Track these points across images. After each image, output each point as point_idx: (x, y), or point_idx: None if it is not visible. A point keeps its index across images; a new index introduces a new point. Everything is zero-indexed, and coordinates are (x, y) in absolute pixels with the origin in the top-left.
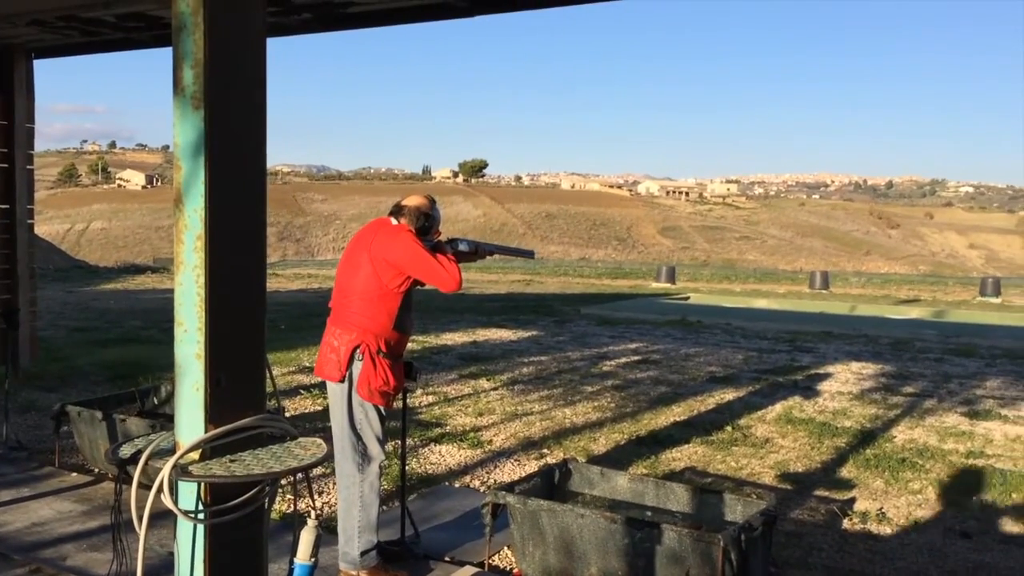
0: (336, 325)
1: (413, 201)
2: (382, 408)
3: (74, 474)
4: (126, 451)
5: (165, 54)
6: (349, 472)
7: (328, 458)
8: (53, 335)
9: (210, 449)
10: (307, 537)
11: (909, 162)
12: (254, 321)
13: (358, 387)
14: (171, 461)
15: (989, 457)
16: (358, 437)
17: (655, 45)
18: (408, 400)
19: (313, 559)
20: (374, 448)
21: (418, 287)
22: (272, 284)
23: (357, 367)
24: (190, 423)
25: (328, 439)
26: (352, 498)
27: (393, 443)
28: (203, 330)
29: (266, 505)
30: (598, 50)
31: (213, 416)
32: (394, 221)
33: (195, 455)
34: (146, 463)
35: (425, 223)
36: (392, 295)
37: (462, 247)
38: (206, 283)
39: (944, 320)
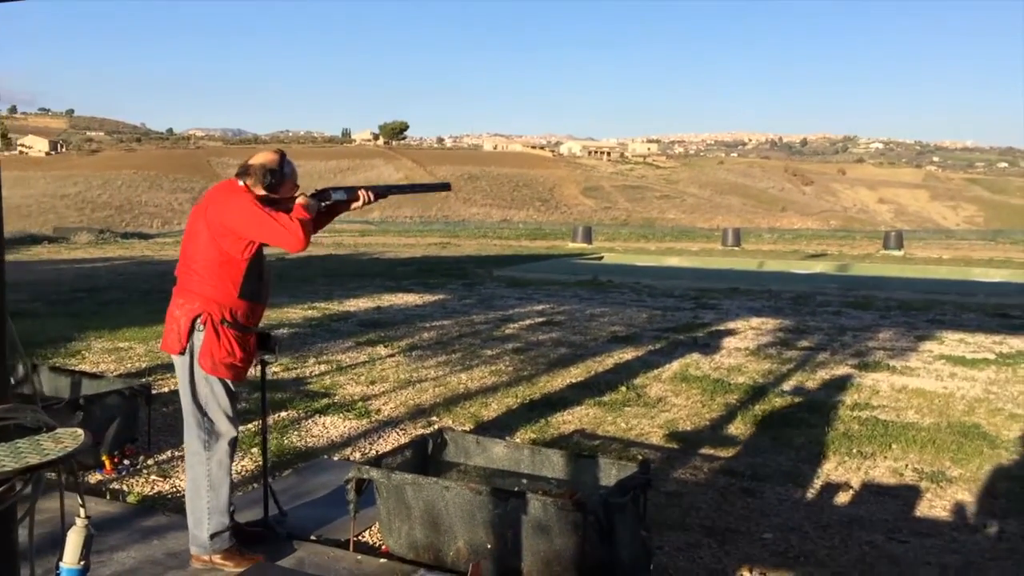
0: (179, 295)
1: (259, 159)
2: (230, 382)
3: None
4: None
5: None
6: (196, 450)
7: (84, 448)
8: None
9: None
10: (74, 538)
11: (822, 119)
12: None
13: (200, 359)
14: None
15: (874, 408)
16: (203, 413)
17: (576, 6)
18: (296, 369)
19: (83, 562)
20: (222, 424)
21: (266, 249)
22: (173, 253)
23: (198, 338)
24: None
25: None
26: (199, 477)
27: (274, 416)
28: None
29: (29, 507)
30: (519, 10)
31: None
32: (240, 182)
33: None
34: None
35: (272, 180)
36: (236, 262)
37: (337, 196)
38: None
39: (847, 274)
